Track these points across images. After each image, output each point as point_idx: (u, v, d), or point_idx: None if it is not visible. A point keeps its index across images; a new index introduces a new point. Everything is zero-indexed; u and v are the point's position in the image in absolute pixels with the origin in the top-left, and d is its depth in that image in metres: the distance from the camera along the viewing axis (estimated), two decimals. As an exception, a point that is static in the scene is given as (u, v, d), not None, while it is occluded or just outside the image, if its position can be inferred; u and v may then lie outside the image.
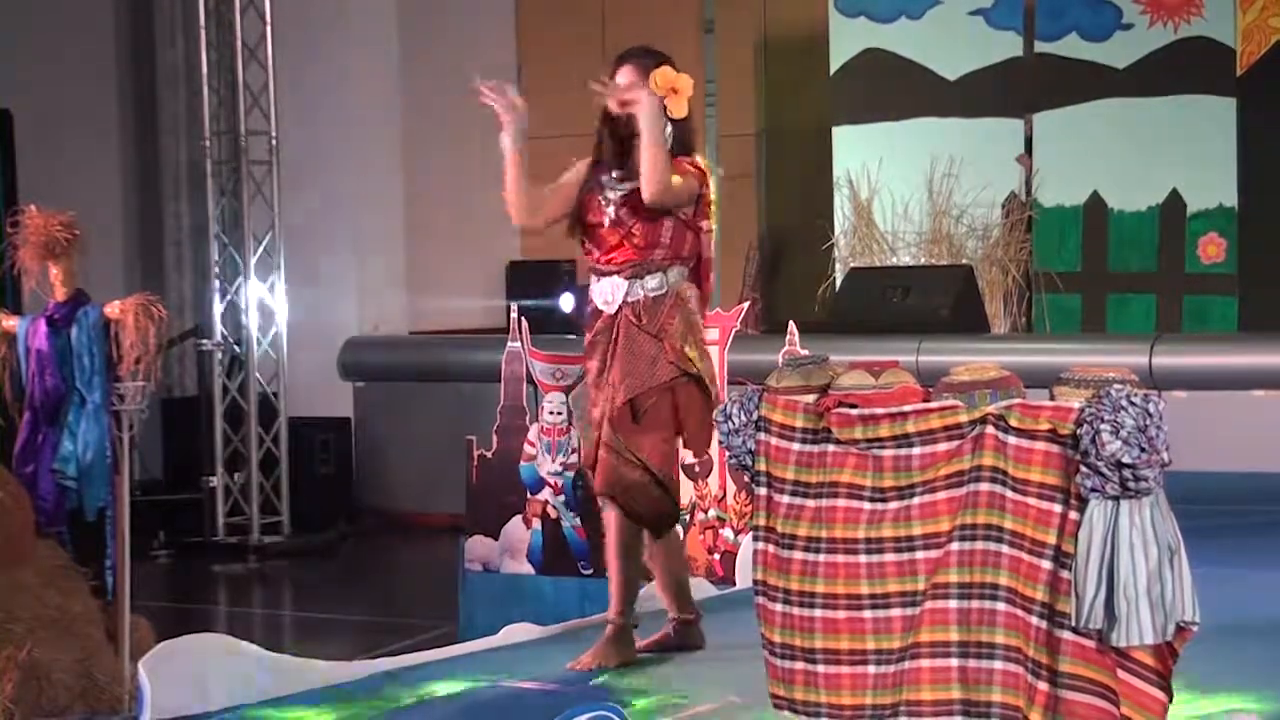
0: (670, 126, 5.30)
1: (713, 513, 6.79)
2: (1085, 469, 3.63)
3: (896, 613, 3.86)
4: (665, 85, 5.23)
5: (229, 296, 10.77)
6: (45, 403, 5.87)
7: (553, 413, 6.75)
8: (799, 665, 3.97)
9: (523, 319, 6.90)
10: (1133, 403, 3.61)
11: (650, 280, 5.34)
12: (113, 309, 5.80)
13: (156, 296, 5.87)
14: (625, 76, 5.33)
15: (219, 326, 10.69)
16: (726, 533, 6.77)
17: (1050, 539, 3.70)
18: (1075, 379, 3.78)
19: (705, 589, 6.47)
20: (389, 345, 11.31)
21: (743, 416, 4.08)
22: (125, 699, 5.50)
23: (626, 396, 5.28)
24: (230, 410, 10.64)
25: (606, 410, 5.33)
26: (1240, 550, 7.12)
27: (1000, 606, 3.75)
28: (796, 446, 4.02)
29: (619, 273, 5.36)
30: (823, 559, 3.94)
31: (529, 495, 6.80)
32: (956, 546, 3.80)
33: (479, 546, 6.92)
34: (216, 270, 10.72)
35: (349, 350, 11.13)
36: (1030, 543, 3.72)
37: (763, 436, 4.06)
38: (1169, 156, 10.55)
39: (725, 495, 6.77)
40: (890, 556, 3.87)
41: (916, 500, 3.86)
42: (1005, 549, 3.76)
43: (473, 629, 6.66)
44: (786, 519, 4.00)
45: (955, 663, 3.79)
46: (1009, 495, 3.76)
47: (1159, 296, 10.64)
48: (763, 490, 4.05)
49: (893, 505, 3.89)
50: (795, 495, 4.01)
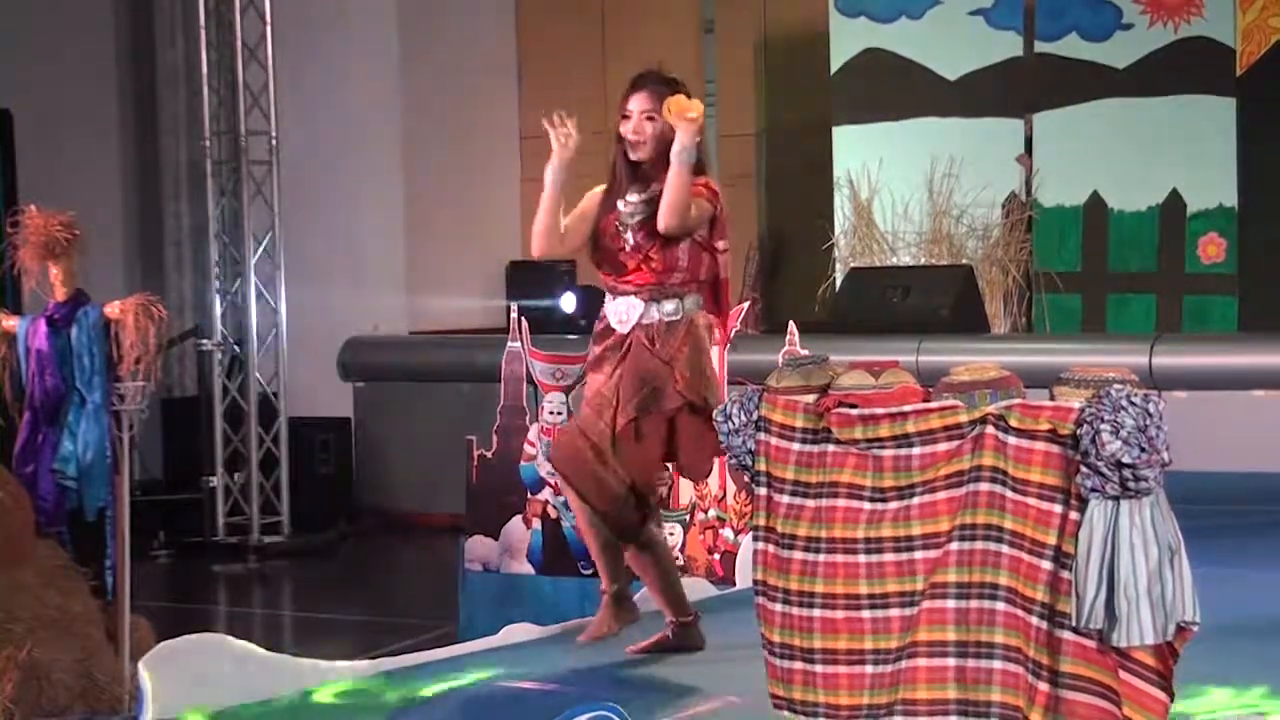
0: None
1: (713, 513, 6.78)
2: (1085, 469, 3.63)
3: (895, 613, 3.86)
4: (678, 113, 5.24)
5: (229, 296, 10.77)
6: (45, 403, 5.87)
7: (553, 413, 6.75)
8: (798, 665, 3.97)
9: (523, 319, 6.90)
10: (1133, 403, 3.61)
11: (667, 304, 5.35)
12: (113, 309, 5.80)
13: (156, 296, 5.87)
14: (640, 103, 5.34)
15: (219, 326, 10.69)
16: (726, 533, 6.76)
17: (1050, 539, 3.70)
18: (1075, 379, 3.78)
19: (705, 589, 6.46)
20: (389, 345, 11.30)
21: (743, 416, 4.08)
22: (125, 699, 5.50)
23: (629, 419, 5.29)
24: (230, 410, 10.64)
25: (599, 418, 5.32)
26: (1240, 550, 7.11)
27: (1000, 606, 3.75)
28: (796, 446, 4.02)
29: (636, 294, 5.36)
30: (822, 559, 3.94)
31: (529, 495, 6.80)
32: (956, 546, 3.80)
33: (479, 546, 6.92)
34: (216, 270, 10.72)
35: (349, 350, 11.12)
36: (1030, 543, 3.72)
37: (763, 436, 4.06)
38: (1169, 156, 10.55)
39: (725, 495, 6.76)
40: (889, 556, 3.87)
41: (916, 500, 3.86)
42: (1005, 549, 3.75)
43: (473, 629, 6.66)
44: (786, 519, 4.00)
45: (952, 662, 3.79)
46: (1009, 495, 3.76)
47: (1159, 296, 10.64)
48: (763, 490, 4.05)
49: (892, 505, 3.89)
50: (795, 495, 4.01)
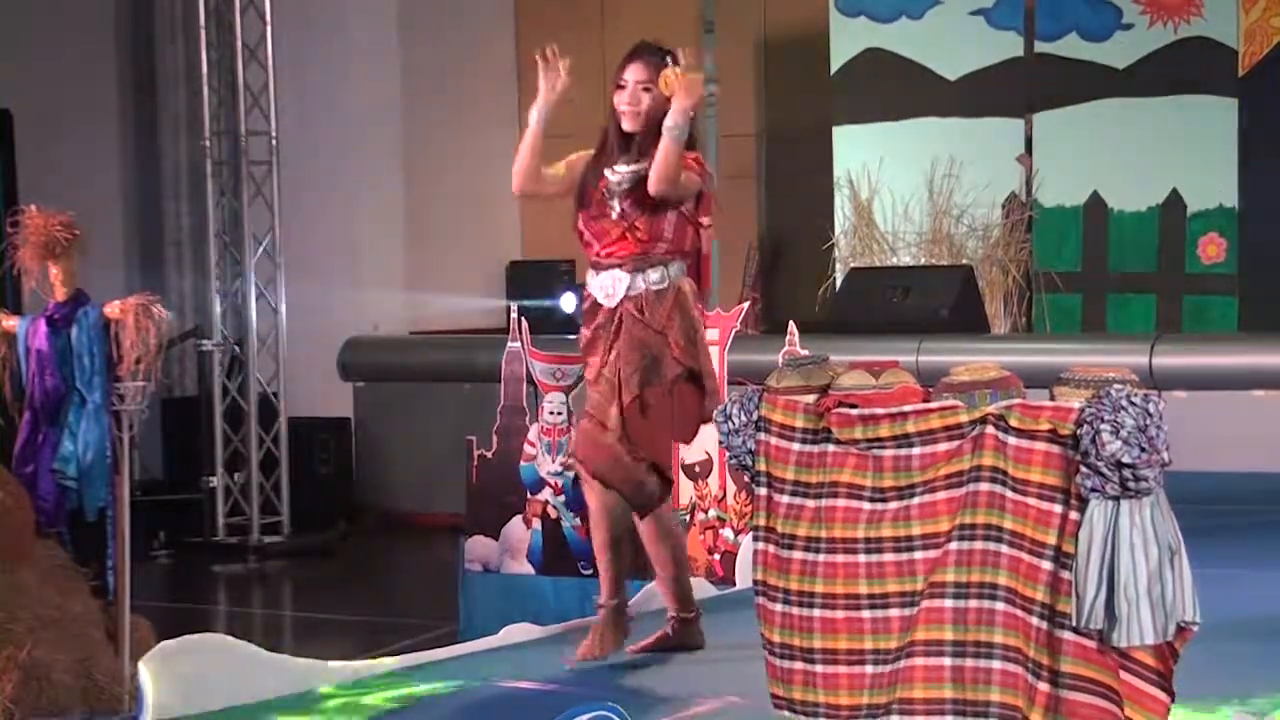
0: None
1: (713, 513, 6.78)
2: (1085, 469, 3.63)
3: (895, 613, 3.86)
4: (674, 85, 5.22)
5: (229, 297, 10.77)
6: (45, 403, 5.87)
7: (553, 413, 6.75)
8: (798, 665, 3.97)
9: (523, 319, 6.90)
10: (1133, 403, 3.61)
11: (652, 274, 5.30)
12: (113, 309, 5.80)
13: (156, 296, 5.87)
14: (636, 73, 5.32)
15: (219, 326, 10.69)
16: (726, 533, 6.76)
17: (1050, 539, 3.69)
18: (1075, 379, 3.78)
19: (705, 589, 6.46)
20: (389, 345, 11.30)
21: (743, 416, 4.08)
22: (125, 699, 5.50)
23: (635, 393, 5.26)
24: (230, 410, 10.65)
25: (607, 402, 5.29)
26: (1240, 550, 7.12)
27: (999, 606, 3.75)
28: (796, 446, 4.02)
29: (620, 266, 5.31)
30: (822, 559, 3.94)
31: (529, 495, 6.80)
32: (955, 546, 3.79)
33: (479, 546, 6.92)
34: (216, 270, 10.72)
35: (349, 350, 11.12)
36: (1030, 543, 3.72)
37: (763, 436, 4.05)
38: (1169, 156, 10.56)
39: (725, 495, 6.76)
40: (889, 556, 3.87)
41: (916, 500, 3.86)
42: (1005, 549, 3.75)
43: (473, 629, 6.66)
44: (786, 519, 4.00)
45: (949, 662, 3.78)
46: (1009, 495, 3.75)
47: (1159, 296, 10.64)
48: (763, 490, 4.05)
49: (892, 505, 3.89)
50: (795, 495, 4.01)
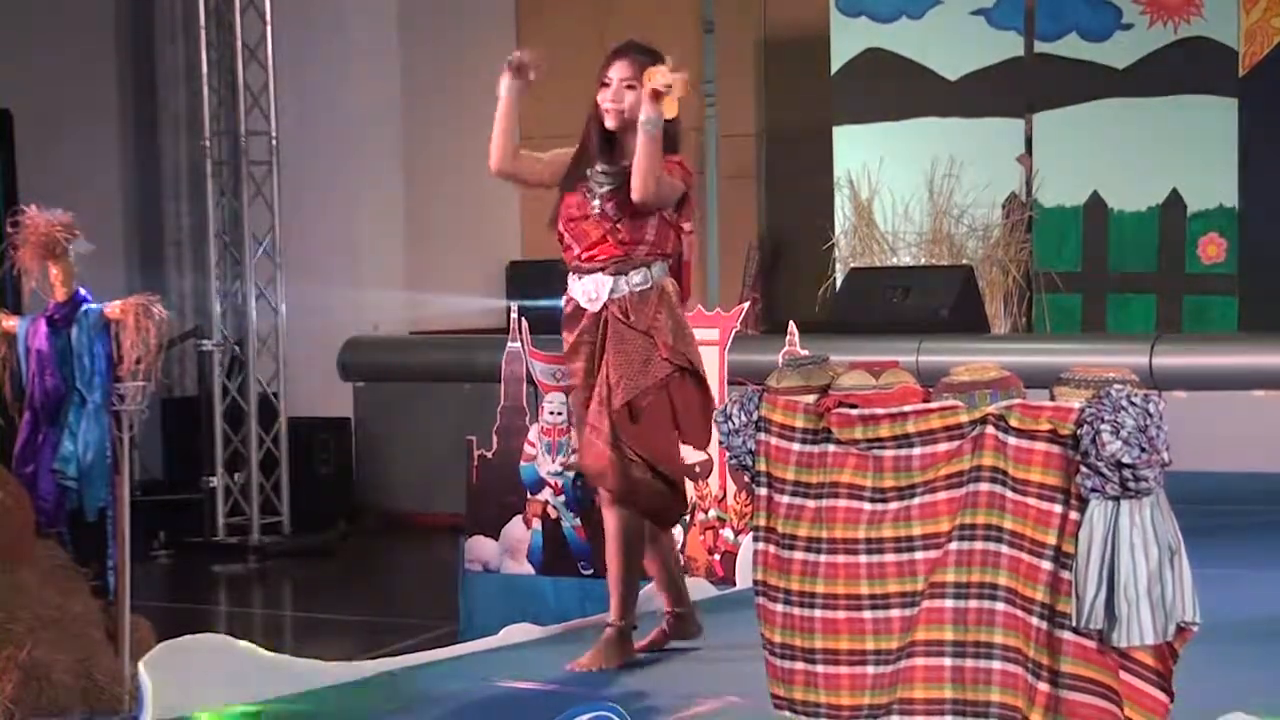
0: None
1: (713, 513, 6.78)
2: (1085, 469, 3.63)
3: (896, 613, 3.86)
4: (659, 83, 5.20)
5: (229, 297, 10.77)
6: (45, 403, 5.86)
7: (553, 413, 6.75)
8: (799, 665, 3.97)
9: (523, 319, 6.89)
10: (1133, 403, 3.61)
11: (635, 276, 5.26)
12: (113, 309, 5.79)
13: (156, 296, 5.86)
14: (620, 71, 5.27)
15: (219, 326, 10.69)
16: (726, 533, 6.76)
17: (1050, 539, 3.70)
18: (1075, 379, 3.78)
19: (705, 589, 6.46)
20: (389, 345, 11.30)
21: (743, 417, 4.08)
22: (125, 699, 5.49)
23: (625, 398, 5.21)
24: (230, 410, 10.64)
25: (603, 409, 5.26)
26: (1240, 550, 7.12)
27: (999, 606, 3.75)
28: (797, 447, 4.02)
29: (602, 269, 5.27)
30: (823, 559, 3.94)
31: (529, 495, 6.79)
32: (955, 546, 3.79)
33: (479, 546, 6.92)
34: (216, 270, 10.72)
35: (349, 350, 11.12)
36: (1030, 543, 3.72)
37: (763, 437, 4.05)
38: (1169, 156, 10.55)
39: (725, 495, 6.76)
40: (890, 557, 3.87)
41: (917, 501, 3.86)
42: (1005, 549, 3.75)
43: (473, 629, 6.66)
44: (787, 519, 4.00)
45: (949, 662, 3.79)
46: (1009, 495, 3.75)
47: (1159, 296, 10.64)
48: (763, 490, 4.05)
49: (893, 506, 3.89)
50: (796, 495, 4.01)
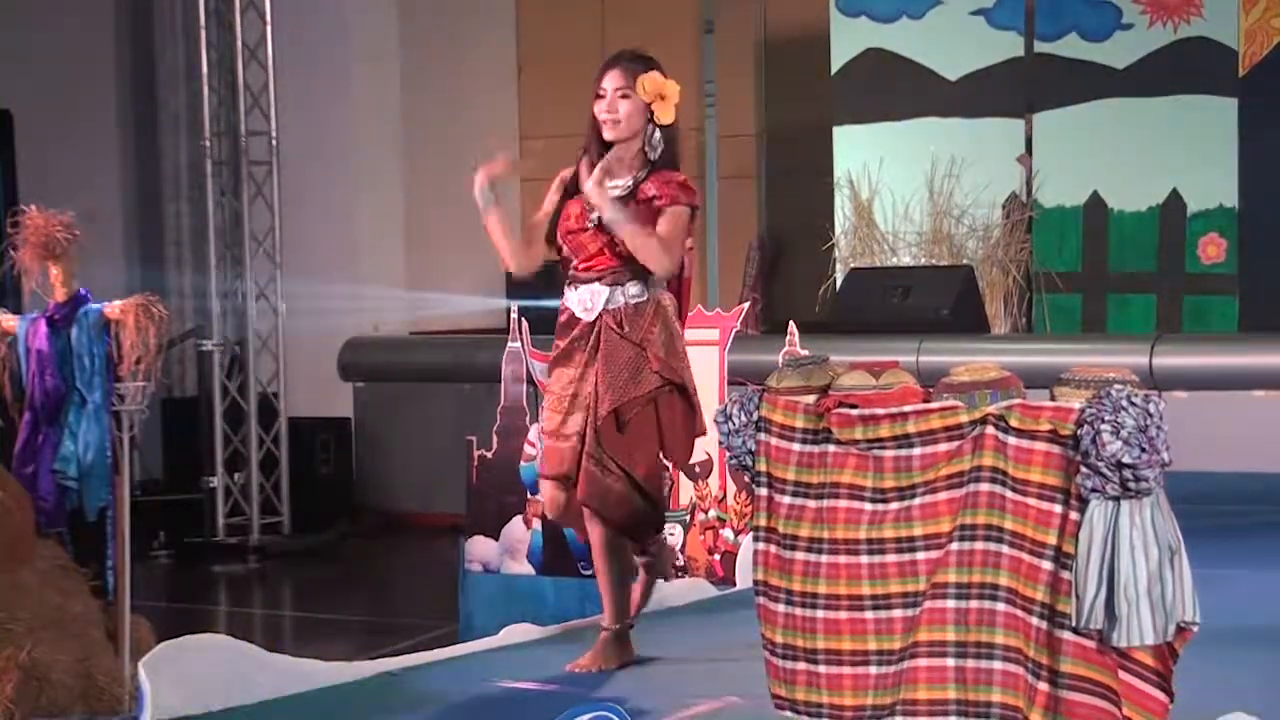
0: (658, 133, 5.24)
1: (713, 513, 6.78)
2: (1086, 469, 3.63)
3: (898, 613, 3.86)
4: (653, 91, 5.17)
5: (229, 297, 10.77)
6: (45, 403, 5.87)
7: (553, 413, 6.74)
8: (801, 666, 3.97)
9: (523, 319, 6.89)
10: (1133, 403, 3.61)
11: (631, 287, 5.21)
12: (113, 309, 5.80)
13: (156, 296, 5.87)
14: (614, 81, 5.24)
15: (219, 326, 10.69)
16: (726, 533, 6.76)
17: (1050, 539, 3.70)
18: (1075, 379, 3.78)
19: (705, 589, 6.47)
20: (389, 345, 11.30)
21: (743, 417, 4.08)
22: (125, 699, 5.49)
23: (611, 407, 5.15)
24: (230, 410, 10.65)
25: (588, 420, 5.20)
26: (1240, 550, 7.11)
27: (1000, 607, 3.75)
28: (797, 447, 4.01)
29: (599, 279, 5.22)
30: (825, 560, 3.94)
31: (529, 495, 6.79)
32: (956, 547, 3.79)
33: (479, 546, 6.92)
34: (216, 270, 10.72)
35: (349, 350, 11.12)
36: (1030, 543, 3.72)
37: (763, 437, 4.05)
38: (1169, 156, 10.55)
39: (725, 495, 6.76)
40: (892, 557, 3.87)
41: (917, 501, 3.86)
42: (1005, 549, 3.75)
43: (473, 629, 6.66)
44: (788, 520, 4.00)
45: (952, 663, 3.79)
46: (1009, 496, 3.75)
47: (1159, 296, 10.63)
48: (763, 491, 4.05)
49: (894, 506, 3.89)
50: (796, 496, 4.01)
